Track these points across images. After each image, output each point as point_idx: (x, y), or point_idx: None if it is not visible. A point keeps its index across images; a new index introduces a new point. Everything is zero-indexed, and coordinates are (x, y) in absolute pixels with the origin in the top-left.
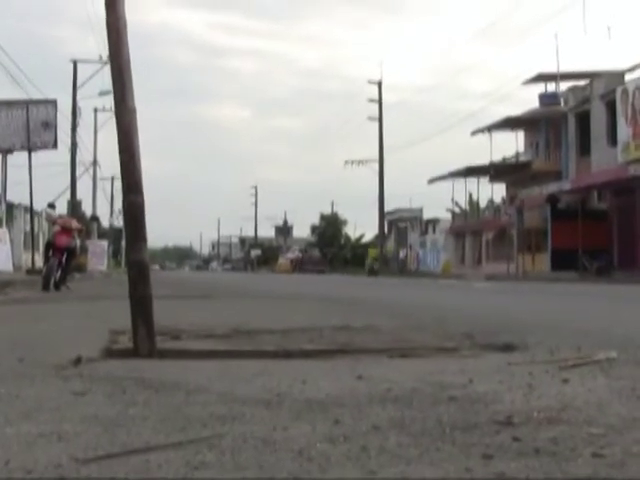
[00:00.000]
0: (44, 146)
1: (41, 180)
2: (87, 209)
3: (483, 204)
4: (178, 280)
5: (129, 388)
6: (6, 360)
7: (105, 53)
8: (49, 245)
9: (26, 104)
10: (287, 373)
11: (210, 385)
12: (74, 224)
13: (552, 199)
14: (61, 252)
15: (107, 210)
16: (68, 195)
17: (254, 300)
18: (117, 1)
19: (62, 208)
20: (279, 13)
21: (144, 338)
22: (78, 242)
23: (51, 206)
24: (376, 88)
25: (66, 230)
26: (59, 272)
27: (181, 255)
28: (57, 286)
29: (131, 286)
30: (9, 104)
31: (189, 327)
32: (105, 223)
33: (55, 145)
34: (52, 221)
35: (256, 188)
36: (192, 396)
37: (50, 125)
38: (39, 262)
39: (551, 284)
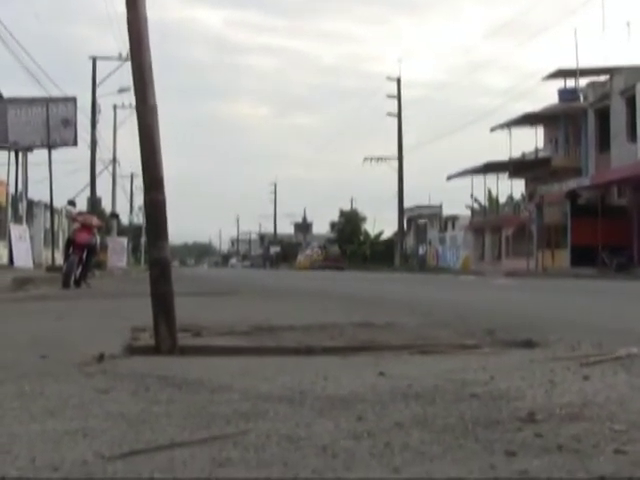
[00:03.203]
0: (64, 143)
1: (61, 177)
2: (107, 206)
3: (502, 200)
4: (197, 277)
5: (152, 385)
6: (29, 357)
7: (124, 50)
8: (69, 242)
9: (46, 102)
10: (309, 370)
11: (233, 382)
12: (94, 221)
13: (572, 195)
14: (81, 249)
15: (127, 207)
16: (88, 192)
17: (274, 297)
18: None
19: (82, 205)
20: (297, 10)
21: (165, 335)
22: (98, 239)
23: (71, 203)
24: (395, 84)
25: (86, 227)
26: (79, 269)
27: (200, 251)
28: (77, 283)
29: (152, 283)
30: (29, 102)
31: (210, 324)
32: (125, 220)
33: (75, 142)
34: (72, 218)
35: (275, 185)
36: (215, 393)
37: (70, 122)
38: (59, 259)
39: (570, 280)
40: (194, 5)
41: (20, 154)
